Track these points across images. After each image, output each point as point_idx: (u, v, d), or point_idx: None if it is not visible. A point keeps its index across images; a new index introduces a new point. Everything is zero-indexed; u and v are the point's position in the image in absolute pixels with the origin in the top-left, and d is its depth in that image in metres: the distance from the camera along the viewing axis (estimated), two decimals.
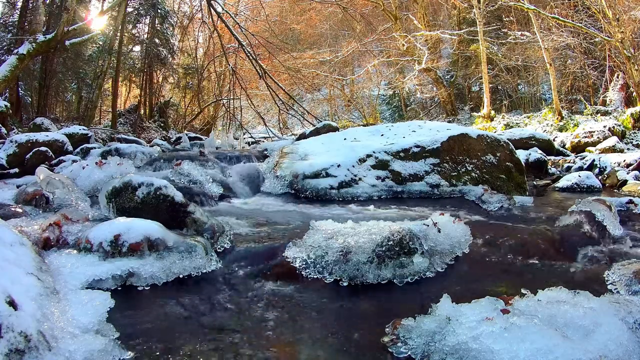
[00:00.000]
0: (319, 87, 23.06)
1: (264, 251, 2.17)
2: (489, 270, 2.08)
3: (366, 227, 2.05)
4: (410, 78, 20.00)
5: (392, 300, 1.75)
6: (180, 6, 19.42)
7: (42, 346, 1.17)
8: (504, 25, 16.93)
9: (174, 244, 1.95)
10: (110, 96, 15.45)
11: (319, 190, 3.81)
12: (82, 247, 1.91)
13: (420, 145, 4.30)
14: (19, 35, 9.53)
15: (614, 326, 1.27)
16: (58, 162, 5.93)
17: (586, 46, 14.82)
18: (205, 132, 16.47)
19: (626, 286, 1.75)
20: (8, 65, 7.07)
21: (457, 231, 2.19)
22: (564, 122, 12.50)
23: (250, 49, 11.40)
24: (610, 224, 2.58)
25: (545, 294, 1.46)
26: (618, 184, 5.37)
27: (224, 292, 1.82)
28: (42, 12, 9.25)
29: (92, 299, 1.56)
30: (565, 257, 2.26)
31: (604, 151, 8.38)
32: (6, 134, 7.51)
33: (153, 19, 16.71)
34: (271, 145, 6.47)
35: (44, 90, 12.25)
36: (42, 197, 3.04)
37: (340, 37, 23.04)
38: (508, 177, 4.39)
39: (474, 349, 1.19)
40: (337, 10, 18.19)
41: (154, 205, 2.31)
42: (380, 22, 20.50)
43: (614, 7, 11.43)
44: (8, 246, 1.58)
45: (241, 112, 14.37)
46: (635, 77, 11.24)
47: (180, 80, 19.15)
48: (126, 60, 16.17)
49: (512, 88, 18.40)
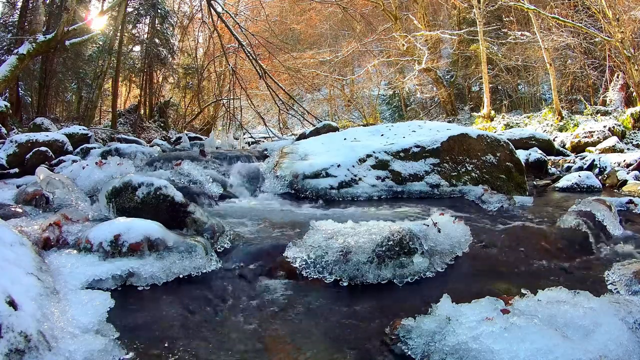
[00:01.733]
0: (319, 87, 23.05)
1: (264, 251, 2.17)
2: (489, 270, 2.08)
3: (366, 227, 2.05)
4: (410, 78, 20.00)
5: (392, 300, 1.75)
6: (180, 6, 19.43)
7: (42, 346, 1.17)
8: (504, 25, 16.92)
9: (174, 244, 1.95)
10: (110, 96, 15.45)
11: (319, 190, 3.81)
12: (82, 247, 1.91)
13: (420, 145, 4.30)
14: (19, 35, 9.53)
15: (614, 326, 1.27)
16: (58, 162, 5.92)
17: (586, 46, 14.82)
18: (205, 132, 16.45)
19: (626, 286, 1.75)
20: (8, 65, 7.07)
21: (457, 231, 2.19)
22: (564, 122, 12.50)
23: (250, 49, 11.40)
24: (610, 224, 2.58)
25: (545, 294, 1.46)
26: (618, 184, 5.37)
27: (224, 292, 1.82)
28: (42, 12, 9.24)
29: (92, 299, 1.56)
30: (565, 257, 2.26)
31: (604, 151, 8.37)
32: (6, 134, 7.51)
33: (153, 19, 16.70)
34: (271, 145, 6.47)
35: (44, 90, 12.25)
36: (42, 197, 3.04)
37: (340, 37, 23.03)
38: (508, 177, 4.39)
39: (474, 349, 1.19)
40: (337, 10, 18.18)
41: (154, 205, 2.31)
42: (380, 22, 20.49)
43: (614, 7, 11.42)
44: (8, 246, 1.58)
45: (241, 112, 14.37)
46: (635, 77, 11.24)
47: (180, 80, 19.14)
48: (126, 60, 16.17)
49: (512, 88, 18.40)
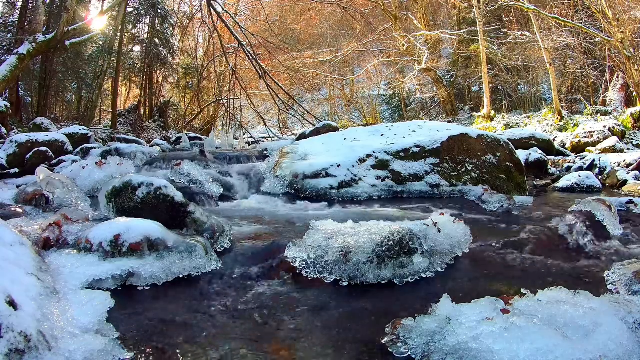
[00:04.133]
0: (319, 87, 23.03)
1: (264, 251, 2.17)
2: (489, 270, 2.08)
3: (366, 227, 2.05)
4: (410, 78, 20.00)
5: (392, 300, 1.75)
6: (180, 6, 19.41)
7: (42, 346, 1.17)
8: (504, 25, 16.92)
9: (174, 244, 1.95)
10: (110, 96, 15.43)
11: (319, 190, 3.81)
12: (82, 247, 1.91)
13: (420, 145, 4.30)
14: (19, 35, 9.52)
15: (614, 326, 1.27)
16: (58, 162, 5.93)
17: (586, 46, 14.81)
18: (205, 132, 16.45)
19: (626, 286, 1.75)
20: (8, 65, 7.06)
21: (457, 231, 2.19)
22: (564, 122, 12.50)
23: (250, 49, 11.40)
24: (610, 224, 2.58)
25: (545, 294, 1.46)
26: (618, 184, 5.37)
27: (224, 292, 1.82)
28: (42, 12, 9.23)
29: (92, 299, 1.56)
30: (565, 257, 2.26)
31: (604, 151, 8.38)
32: (6, 134, 7.51)
33: (153, 19, 16.68)
34: (271, 145, 6.47)
35: (44, 90, 12.23)
36: (42, 197, 3.04)
37: (340, 37, 23.00)
38: (508, 177, 4.39)
39: (474, 349, 1.19)
40: (337, 10, 18.16)
41: (154, 205, 2.31)
42: (380, 22, 20.47)
43: (614, 7, 11.42)
44: (8, 246, 1.58)
45: (241, 112, 14.38)
46: (635, 77, 11.23)
47: (180, 80, 19.13)
48: (126, 60, 16.15)
49: (512, 88, 18.39)
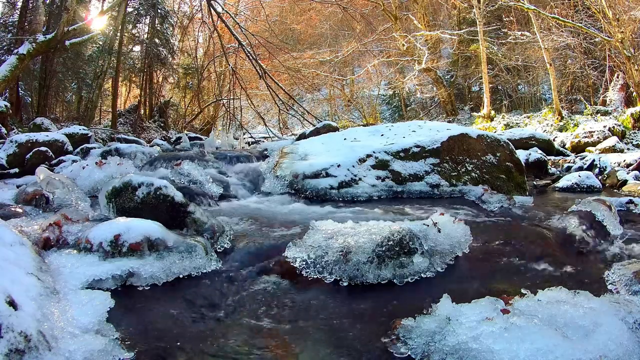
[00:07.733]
0: (319, 87, 23.02)
1: (264, 251, 2.17)
2: (489, 270, 2.08)
3: (366, 227, 2.05)
4: (410, 78, 20.00)
5: (392, 300, 1.75)
6: (180, 6, 19.41)
7: (42, 346, 1.17)
8: (504, 25, 16.92)
9: (174, 244, 1.95)
10: (110, 96, 15.43)
11: (319, 190, 3.81)
12: (82, 247, 1.91)
13: (420, 145, 4.30)
14: (19, 35, 9.52)
15: (614, 326, 1.27)
16: (58, 162, 5.93)
17: (586, 46, 14.81)
18: (205, 132, 16.45)
19: (626, 286, 1.75)
20: (8, 65, 7.06)
21: (457, 231, 2.19)
22: (564, 122, 12.49)
23: (250, 49, 11.39)
24: (610, 224, 2.58)
25: (545, 294, 1.46)
26: (618, 184, 5.37)
27: (224, 292, 1.82)
28: (42, 12, 9.23)
29: (92, 299, 1.56)
30: (565, 257, 2.26)
31: (604, 151, 8.37)
32: (6, 134, 7.51)
33: (153, 19, 16.68)
34: (271, 145, 6.47)
35: (44, 90, 12.23)
36: (42, 197, 3.04)
37: (340, 37, 23.00)
38: (508, 177, 4.39)
39: (474, 349, 1.19)
40: (337, 10, 18.15)
41: (154, 205, 2.31)
42: (380, 22, 20.47)
43: (614, 7, 11.42)
44: (8, 246, 1.58)
45: (241, 112, 14.37)
46: (635, 77, 11.23)
47: (180, 80, 19.13)
48: (126, 60, 16.15)
49: (512, 88, 18.38)
